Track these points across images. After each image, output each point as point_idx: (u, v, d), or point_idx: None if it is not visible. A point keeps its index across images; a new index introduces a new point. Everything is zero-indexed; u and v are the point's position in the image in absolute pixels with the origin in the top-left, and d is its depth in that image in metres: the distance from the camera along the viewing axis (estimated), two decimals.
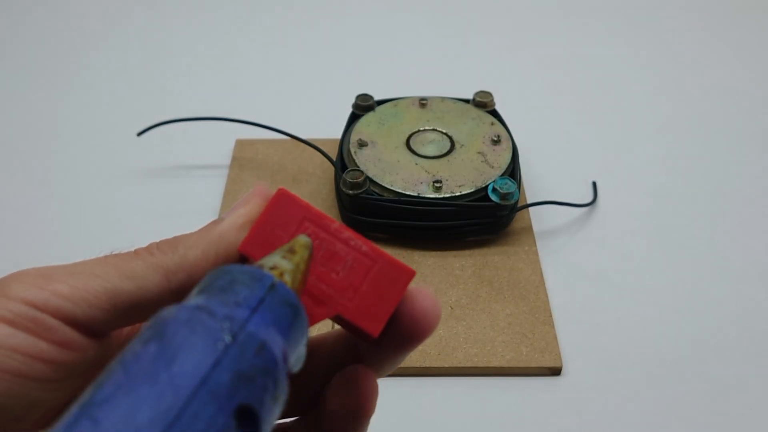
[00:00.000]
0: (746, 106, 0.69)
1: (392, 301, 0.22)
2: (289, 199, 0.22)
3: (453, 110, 0.59)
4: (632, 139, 0.65)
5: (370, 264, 0.22)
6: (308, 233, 0.22)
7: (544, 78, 0.73)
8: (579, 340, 0.48)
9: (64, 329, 0.20)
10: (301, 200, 0.22)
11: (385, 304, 0.21)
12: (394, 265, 0.22)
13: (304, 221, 0.22)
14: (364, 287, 0.22)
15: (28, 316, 0.20)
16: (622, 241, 0.56)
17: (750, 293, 0.52)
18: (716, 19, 0.82)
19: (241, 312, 0.18)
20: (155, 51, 0.76)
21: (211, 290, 0.19)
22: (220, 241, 0.21)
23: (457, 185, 0.52)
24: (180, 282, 0.21)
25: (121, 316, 0.21)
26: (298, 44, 0.77)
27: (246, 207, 0.22)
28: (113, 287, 0.20)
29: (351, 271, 0.22)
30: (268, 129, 0.58)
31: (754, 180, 0.61)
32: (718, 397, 0.45)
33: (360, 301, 0.22)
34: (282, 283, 0.20)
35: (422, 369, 0.46)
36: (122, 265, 0.21)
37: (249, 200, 0.22)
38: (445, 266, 0.52)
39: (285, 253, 0.21)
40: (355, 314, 0.21)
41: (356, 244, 0.22)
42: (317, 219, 0.22)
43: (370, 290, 0.22)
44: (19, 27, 0.79)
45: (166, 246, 0.22)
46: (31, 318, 0.20)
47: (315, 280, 0.22)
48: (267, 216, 0.22)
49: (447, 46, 0.77)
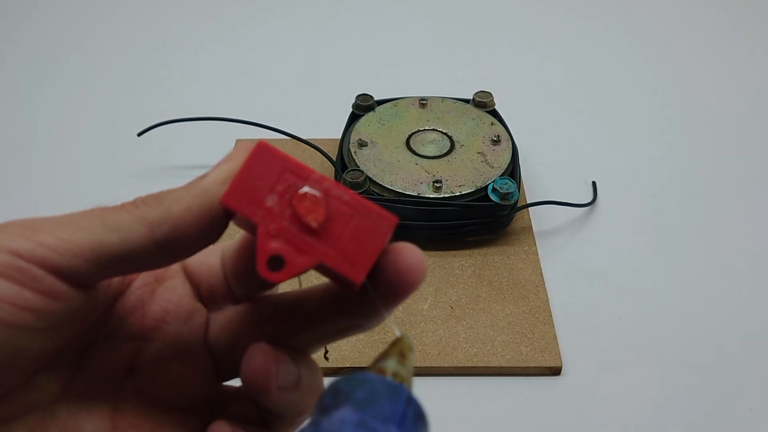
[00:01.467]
0: (746, 107, 0.69)
1: (375, 248, 0.22)
2: (268, 151, 0.22)
3: (453, 110, 0.59)
4: (632, 139, 0.65)
5: (351, 212, 0.22)
6: (288, 183, 0.22)
7: (544, 78, 0.73)
8: (579, 340, 0.48)
9: (49, 279, 0.20)
10: (281, 152, 0.22)
11: (368, 252, 0.22)
12: (376, 213, 0.22)
13: (284, 172, 0.22)
14: (347, 236, 0.22)
15: (13, 265, 0.20)
16: (622, 241, 0.56)
17: (750, 293, 0.52)
18: (717, 20, 0.82)
19: (392, 428, 0.19)
20: (155, 51, 0.76)
21: (357, 402, 0.20)
22: (203, 195, 0.21)
23: (457, 185, 0.52)
24: (164, 234, 0.21)
25: (106, 267, 0.21)
26: (298, 44, 0.77)
27: (230, 162, 0.22)
28: (98, 239, 0.21)
29: (333, 220, 0.22)
30: (268, 129, 0.58)
31: (754, 180, 0.61)
32: (718, 397, 0.45)
33: (343, 249, 0.22)
34: (414, 397, 0.20)
35: (422, 369, 0.46)
36: (107, 218, 0.21)
37: (233, 156, 0.22)
38: (445, 266, 0.52)
39: (398, 358, 0.22)
40: (337, 262, 0.21)
41: (337, 193, 0.22)
42: (297, 170, 0.22)
43: (353, 238, 0.22)
44: (20, 27, 0.79)
45: (151, 199, 0.22)
46: (17, 267, 0.20)
47: (297, 230, 0.22)
48: (247, 168, 0.22)
49: (447, 46, 0.77)
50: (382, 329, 0.48)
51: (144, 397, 0.24)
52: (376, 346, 0.47)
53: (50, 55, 0.75)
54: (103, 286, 0.23)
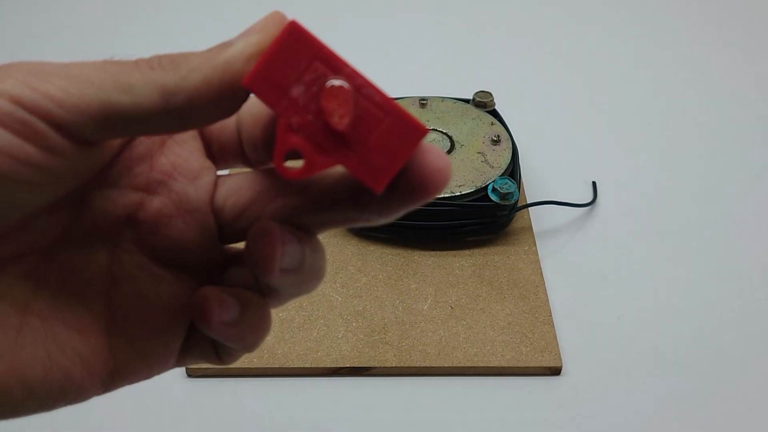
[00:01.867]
0: (746, 107, 0.69)
1: (400, 159, 0.20)
2: (301, 34, 0.20)
3: (453, 110, 0.59)
4: (632, 139, 0.65)
5: (382, 116, 0.20)
6: (318, 74, 0.20)
7: (544, 78, 0.73)
8: (579, 340, 0.48)
9: (53, 135, 0.19)
10: (315, 37, 0.21)
11: (392, 162, 0.20)
12: (407, 121, 0.20)
13: (314, 61, 0.20)
14: (372, 140, 0.20)
15: (16, 116, 0.19)
16: (622, 240, 0.56)
17: (750, 293, 0.52)
18: (717, 21, 0.82)
19: None
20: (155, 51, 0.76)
21: None
22: (225, 68, 0.20)
23: (457, 185, 0.52)
24: (177, 104, 0.20)
25: (112, 128, 0.20)
26: None
27: (259, 35, 0.20)
28: (108, 98, 0.19)
29: (360, 122, 0.20)
30: None
31: (754, 180, 0.61)
32: (718, 397, 0.45)
33: (366, 155, 0.20)
34: None
35: (422, 369, 0.46)
36: (120, 77, 0.20)
37: (263, 28, 0.21)
38: (445, 266, 0.52)
39: None
40: (358, 168, 0.20)
41: (369, 92, 0.20)
42: (330, 60, 0.20)
43: (378, 144, 0.20)
44: (19, 28, 0.79)
45: (168, 62, 0.20)
46: (20, 119, 0.19)
47: (321, 127, 0.20)
48: (276, 50, 0.20)
49: (447, 46, 0.77)
50: (383, 329, 0.48)
51: (143, 249, 0.23)
52: (376, 346, 0.47)
53: (50, 55, 0.75)
54: (107, 144, 0.22)
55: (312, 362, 0.46)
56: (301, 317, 0.48)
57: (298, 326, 0.48)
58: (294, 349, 0.47)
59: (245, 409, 0.45)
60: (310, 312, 0.49)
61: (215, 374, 0.46)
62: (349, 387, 0.46)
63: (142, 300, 0.23)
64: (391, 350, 0.47)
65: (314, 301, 0.49)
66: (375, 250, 0.53)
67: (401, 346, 0.47)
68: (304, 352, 0.46)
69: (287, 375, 0.46)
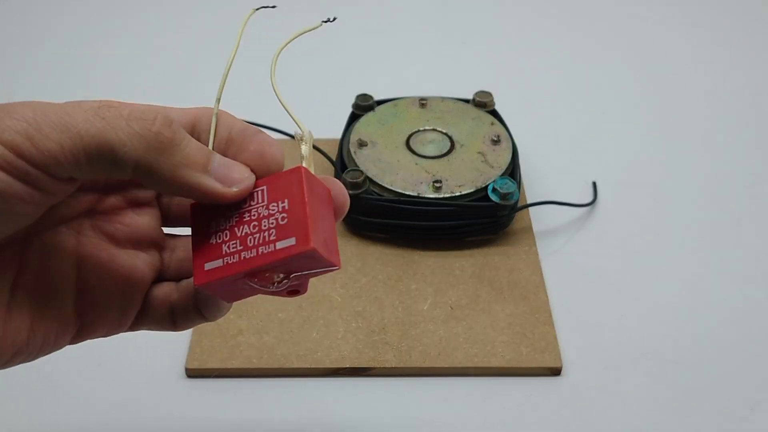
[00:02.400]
0: (746, 107, 0.69)
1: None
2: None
3: (453, 110, 0.59)
4: (632, 139, 0.65)
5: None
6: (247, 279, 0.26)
7: (544, 78, 0.73)
8: (579, 340, 0.48)
9: (46, 179, 0.23)
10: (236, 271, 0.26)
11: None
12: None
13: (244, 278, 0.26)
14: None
15: (14, 164, 0.22)
16: (622, 241, 0.56)
17: (750, 293, 0.52)
18: (717, 21, 0.82)
19: None
20: (155, 51, 0.76)
21: None
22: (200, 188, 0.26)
23: (457, 185, 0.52)
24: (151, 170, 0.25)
25: (103, 173, 0.24)
26: (298, 44, 0.77)
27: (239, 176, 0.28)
28: (111, 147, 0.23)
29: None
30: (268, 129, 0.58)
31: (754, 179, 0.61)
32: (718, 397, 0.45)
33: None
34: None
35: (422, 369, 0.46)
36: (118, 129, 0.24)
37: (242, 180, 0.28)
38: (445, 266, 0.52)
39: None
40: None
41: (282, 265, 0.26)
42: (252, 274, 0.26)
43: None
44: (19, 28, 0.79)
45: (165, 128, 0.26)
46: (17, 166, 0.22)
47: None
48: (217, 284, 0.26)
49: (447, 46, 0.77)
50: (383, 329, 0.48)
51: (101, 234, 0.29)
52: (376, 346, 0.47)
53: (50, 56, 0.75)
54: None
55: (312, 363, 0.46)
56: (301, 318, 0.48)
57: (297, 327, 0.48)
58: (294, 350, 0.46)
59: (245, 410, 0.45)
60: (309, 312, 0.49)
61: (215, 374, 0.46)
62: (349, 387, 0.46)
63: (102, 274, 0.28)
64: (391, 351, 0.47)
65: (314, 301, 0.49)
66: (375, 250, 0.53)
67: (401, 347, 0.47)
68: (303, 352, 0.46)
69: (287, 375, 0.46)
